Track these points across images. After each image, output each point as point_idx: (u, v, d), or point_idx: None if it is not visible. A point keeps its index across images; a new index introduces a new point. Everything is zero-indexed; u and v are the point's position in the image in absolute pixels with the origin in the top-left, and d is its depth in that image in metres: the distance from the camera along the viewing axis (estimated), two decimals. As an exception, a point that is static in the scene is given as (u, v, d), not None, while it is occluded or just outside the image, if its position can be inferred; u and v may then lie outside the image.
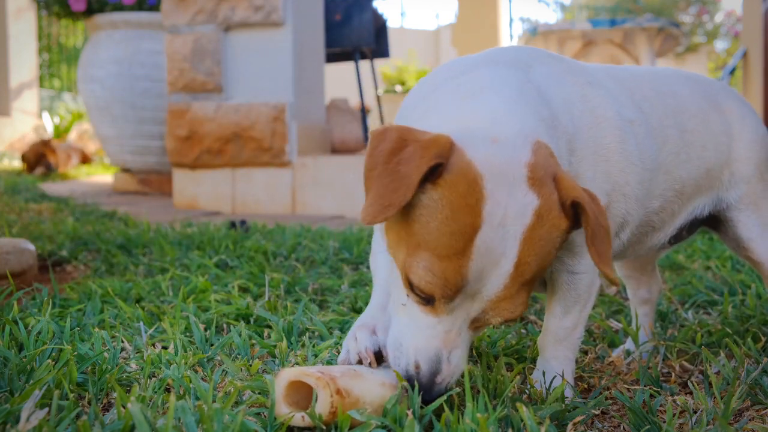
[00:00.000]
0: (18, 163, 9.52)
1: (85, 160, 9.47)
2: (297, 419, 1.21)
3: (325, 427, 1.20)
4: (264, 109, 5.10)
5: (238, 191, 5.23)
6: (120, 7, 6.16)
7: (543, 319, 1.58)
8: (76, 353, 1.59)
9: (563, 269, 1.48)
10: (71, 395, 1.38)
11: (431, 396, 1.27)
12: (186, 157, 5.27)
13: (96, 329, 1.85)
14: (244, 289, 2.47)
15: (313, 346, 1.77)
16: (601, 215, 1.25)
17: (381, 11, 6.80)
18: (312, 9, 5.62)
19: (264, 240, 3.38)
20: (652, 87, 1.67)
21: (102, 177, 8.51)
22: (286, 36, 5.12)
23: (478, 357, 1.68)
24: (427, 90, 1.45)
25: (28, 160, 8.40)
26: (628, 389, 1.55)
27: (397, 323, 1.30)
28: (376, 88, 7.59)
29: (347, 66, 7.33)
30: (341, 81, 11.58)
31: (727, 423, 1.30)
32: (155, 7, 6.12)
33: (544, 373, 1.49)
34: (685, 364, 1.74)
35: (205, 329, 1.94)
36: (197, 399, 1.38)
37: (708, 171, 1.70)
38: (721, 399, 1.43)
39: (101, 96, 6.20)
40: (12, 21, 11.55)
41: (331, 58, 6.64)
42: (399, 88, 13.21)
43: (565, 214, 1.23)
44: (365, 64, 7.09)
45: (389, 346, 1.31)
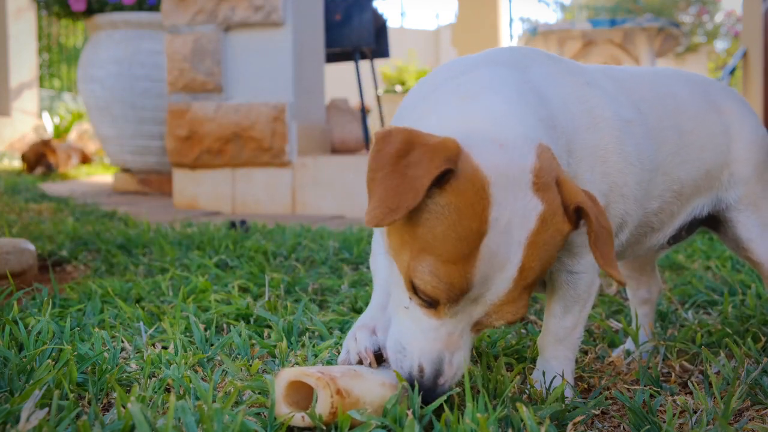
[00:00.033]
0: (18, 163, 9.52)
1: (85, 160, 9.47)
2: (297, 419, 1.21)
3: (325, 428, 1.20)
4: (264, 109, 5.10)
5: (238, 191, 5.23)
6: (120, 7, 6.17)
7: (543, 319, 1.58)
8: (76, 353, 1.59)
9: (562, 269, 1.48)
10: (71, 395, 1.37)
11: (433, 397, 1.27)
12: (186, 157, 5.27)
13: (96, 329, 1.85)
14: (244, 289, 2.47)
15: (313, 346, 1.77)
16: (603, 217, 1.26)
17: (381, 11, 6.80)
18: (312, 9, 5.62)
19: (264, 240, 3.38)
20: (650, 88, 1.66)
21: (102, 177, 8.51)
22: (286, 36, 5.12)
23: (478, 357, 1.68)
24: (427, 90, 1.44)
25: (28, 160, 8.40)
26: (628, 389, 1.55)
27: (399, 325, 1.29)
28: (376, 88, 7.59)
29: (347, 66, 7.32)
30: (341, 81, 11.58)
31: (727, 423, 1.30)
32: (155, 7, 6.12)
33: (544, 373, 1.49)
34: (685, 364, 1.74)
35: (205, 329, 1.94)
36: (197, 399, 1.38)
37: (707, 172, 1.69)
38: (721, 399, 1.43)
39: (101, 96, 6.20)
40: (12, 21, 11.55)
41: (331, 58, 6.64)
42: (399, 88, 13.20)
43: (568, 218, 1.24)
44: (365, 64, 7.08)
45: (389, 347, 1.30)
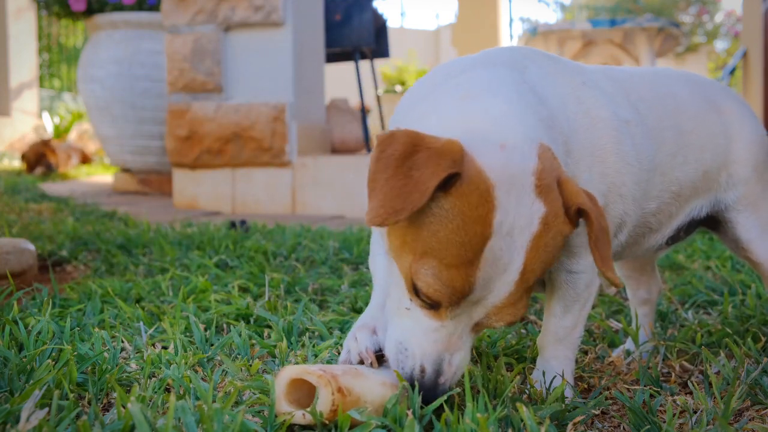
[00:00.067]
0: (18, 163, 9.53)
1: (85, 160, 9.48)
2: (298, 417, 1.21)
3: (326, 426, 1.20)
4: (264, 109, 5.10)
5: (238, 191, 5.23)
6: (120, 7, 6.17)
7: (543, 319, 1.58)
8: (76, 353, 1.59)
9: (562, 268, 1.48)
10: (71, 395, 1.37)
11: (433, 397, 1.27)
12: (186, 157, 5.27)
13: (96, 329, 1.85)
14: (244, 289, 2.47)
15: (313, 346, 1.77)
16: (602, 218, 1.26)
17: (381, 11, 6.80)
18: (312, 9, 5.62)
19: (264, 240, 3.38)
20: (650, 88, 1.66)
21: (102, 177, 8.51)
22: (286, 36, 5.12)
23: (478, 357, 1.68)
24: (426, 90, 1.44)
25: (28, 160, 8.40)
26: (628, 389, 1.55)
27: (399, 326, 1.29)
28: (376, 88, 7.59)
29: (347, 66, 7.32)
30: (341, 81, 11.58)
31: (727, 423, 1.30)
32: (155, 7, 6.12)
33: (544, 373, 1.49)
34: (685, 364, 1.74)
35: (205, 329, 1.94)
36: (197, 399, 1.38)
37: (706, 173, 1.69)
38: (721, 399, 1.43)
39: (101, 96, 6.20)
40: (12, 21, 11.55)
41: (331, 58, 6.64)
42: (399, 88, 13.20)
43: (569, 219, 1.24)
44: (365, 64, 7.08)
45: (389, 348, 1.30)
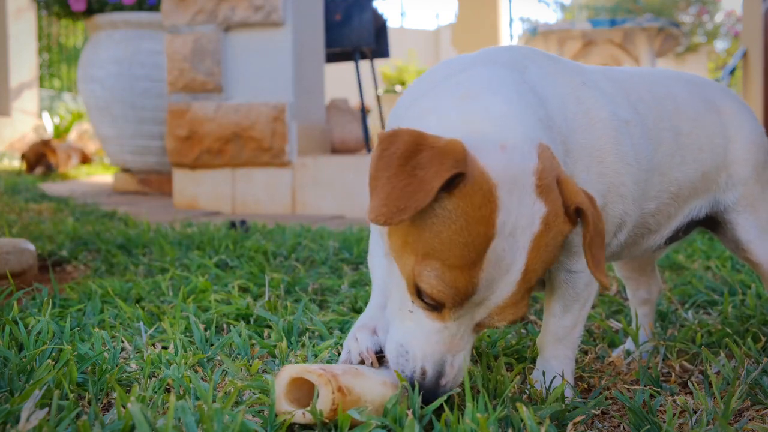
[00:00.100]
0: (18, 163, 9.52)
1: (85, 160, 9.48)
2: (298, 416, 1.21)
3: (326, 425, 1.20)
4: (264, 109, 5.10)
5: (238, 191, 5.23)
6: (120, 7, 6.17)
7: (542, 319, 1.57)
8: (76, 353, 1.59)
9: (561, 268, 1.48)
10: (71, 395, 1.37)
11: (434, 398, 1.27)
12: (186, 157, 5.27)
13: (96, 329, 1.85)
14: (244, 289, 2.47)
15: (313, 346, 1.77)
16: (599, 220, 1.26)
17: (381, 11, 6.80)
18: (312, 9, 5.62)
19: (264, 240, 3.38)
20: (649, 88, 1.66)
21: (102, 177, 8.51)
22: (286, 36, 5.12)
23: (478, 357, 1.68)
24: (425, 88, 1.43)
25: (28, 160, 8.40)
26: (628, 389, 1.55)
27: (401, 328, 1.29)
28: (376, 88, 7.59)
29: (347, 66, 7.32)
30: (341, 81, 11.58)
31: (727, 423, 1.30)
32: (155, 7, 6.12)
33: (544, 373, 1.49)
34: (685, 364, 1.74)
35: (205, 329, 1.94)
36: (197, 399, 1.38)
37: (704, 173, 1.69)
38: (721, 399, 1.43)
39: (101, 96, 6.20)
40: (12, 21, 11.55)
41: (331, 58, 6.64)
42: (399, 88, 13.21)
43: (569, 218, 1.24)
44: (365, 64, 7.08)
45: (390, 349, 1.30)
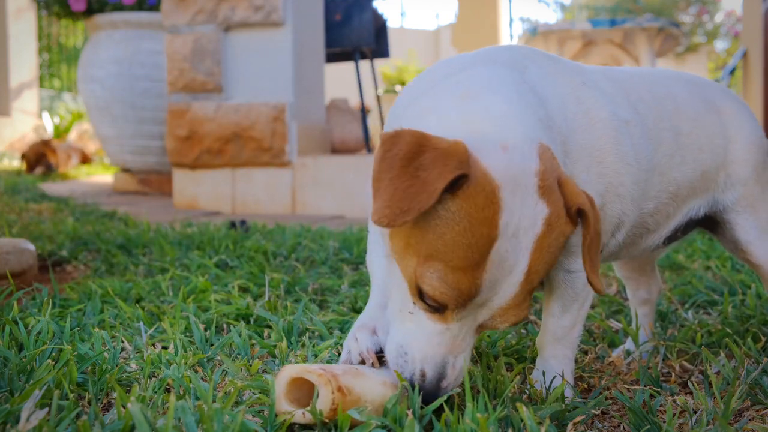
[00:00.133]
0: (18, 163, 9.53)
1: (85, 160, 9.48)
2: (298, 416, 1.21)
3: (326, 425, 1.20)
4: (264, 109, 5.10)
5: (238, 191, 5.23)
6: (120, 7, 6.17)
7: (542, 319, 1.57)
8: (76, 353, 1.59)
9: (560, 268, 1.47)
10: (71, 395, 1.37)
11: (434, 399, 1.27)
12: (186, 157, 5.27)
13: (96, 329, 1.85)
14: (244, 289, 2.47)
15: (313, 346, 1.77)
16: (598, 223, 1.26)
17: (381, 11, 6.80)
18: (312, 9, 5.62)
19: (264, 240, 3.38)
20: (649, 89, 1.66)
21: (102, 177, 8.51)
22: (286, 36, 5.12)
23: (478, 357, 1.68)
24: (425, 87, 1.43)
25: (28, 160, 8.40)
26: (628, 389, 1.55)
27: (402, 329, 1.29)
28: (376, 88, 7.59)
29: (347, 66, 7.33)
30: (341, 81, 11.59)
31: (727, 423, 1.30)
32: (155, 7, 6.12)
33: (543, 373, 1.49)
34: (685, 364, 1.74)
35: (205, 329, 1.94)
36: (197, 399, 1.38)
37: (704, 173, 1.69)
38: (721, 399, 1.43)
39: (101, 96, 6.20)
40: (12, 21, 11.55)
41: (331, 58, 6.64)
42: (399, 88, 13.21)
43: (570, 219, 1.24)
44: (365, 64, 7.09)
45: (390, 351, 1.30)
